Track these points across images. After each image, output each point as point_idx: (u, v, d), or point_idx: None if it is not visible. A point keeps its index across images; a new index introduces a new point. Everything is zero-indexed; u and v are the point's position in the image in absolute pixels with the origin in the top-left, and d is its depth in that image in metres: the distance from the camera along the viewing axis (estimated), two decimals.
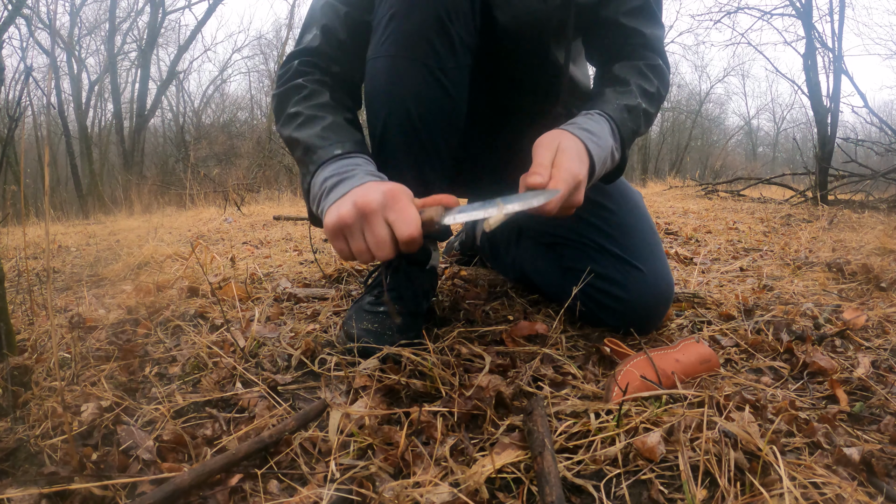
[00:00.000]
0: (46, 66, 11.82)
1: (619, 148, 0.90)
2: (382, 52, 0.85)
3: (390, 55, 0.85)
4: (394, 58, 0.85)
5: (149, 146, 14.88)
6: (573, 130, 0.83)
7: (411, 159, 0.90)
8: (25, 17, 10.30)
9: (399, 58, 0.84)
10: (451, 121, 0.91)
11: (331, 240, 0.73)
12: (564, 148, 0.78)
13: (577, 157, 0.78)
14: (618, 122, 0.88)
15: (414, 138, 0.88)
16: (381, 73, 0.86)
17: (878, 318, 1.11)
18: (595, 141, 0.83)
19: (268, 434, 0.63)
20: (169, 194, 8.06)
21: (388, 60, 0.85)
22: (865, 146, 5.19)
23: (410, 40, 0.83)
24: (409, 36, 0.83)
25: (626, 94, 0.93)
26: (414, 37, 0.83)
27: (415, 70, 0.84)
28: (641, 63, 0.96)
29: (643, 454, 0.61)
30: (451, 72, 0.86)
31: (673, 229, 2.67)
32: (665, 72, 1.00)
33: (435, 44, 0.84)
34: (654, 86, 0.96)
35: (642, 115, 0.94)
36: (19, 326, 1.06)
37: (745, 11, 6.71)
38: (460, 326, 1.01)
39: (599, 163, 0.83)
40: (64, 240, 3.02)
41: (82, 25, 13.45)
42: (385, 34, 0.85)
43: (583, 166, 0.78)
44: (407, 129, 0.87)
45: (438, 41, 0.84)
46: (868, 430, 0.69)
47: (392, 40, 0.84)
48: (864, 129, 10.74)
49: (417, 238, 0.67)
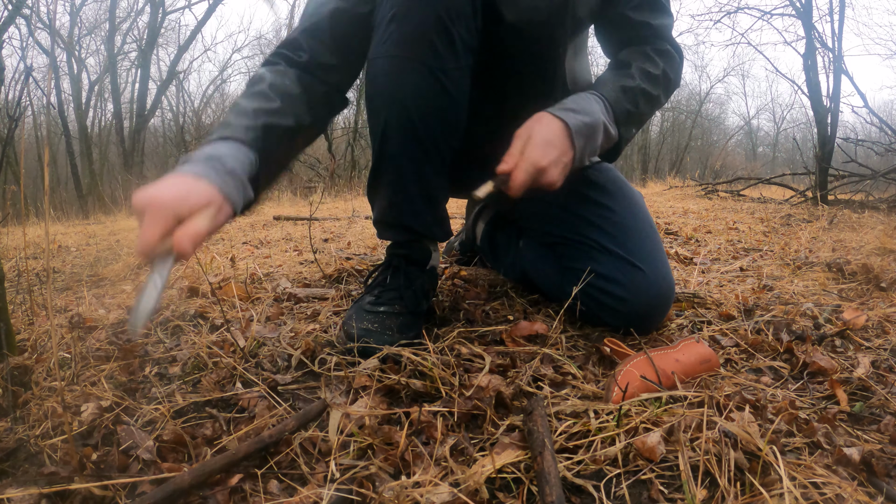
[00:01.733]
0: (46, 66, 11.81)
1: (612, 123, 0.92)
2: (383, 52, 0.85)
3: (391, 55, 0.85)
4: (394, 58, 0.84)
5: (149, 146, 14.88)
6: (554, 111, 0.88)
7: (411, 159, 0.90)
8: (25, 17, 10.30)
9: (400, 58, 0.84)
10: (452, 121, 0.91)
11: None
12: (534, 135, 0.85)
13: (544, 143, 0.84)
14: (611, 101, 0.92)
15: (414, 138, 0.88)
16: (382, 74, 0.86)
17: (878, 318, 1.11)
18: (576, 116, 0.88)
19: (268, 434, 0.62)
20: None
21: (388, 61, 0.85)
22: (865, 146, 5.19)
23: (411, 41, 0.83)
24: (409, 36, 0.83)
25: (624, 75, 0.96)
26: (415, 37, 0.83)
27: (415, 71, 0.84)
28: (648, 48, 0.99)
29: (643, 454, 0.61)
30: (451, 72, 0.86)
31: (673, 229, 2.67)
32: (674, 56, 1.02)
33: (436, 44, 0.83)
34: (659, 67, 0.98)
35: (640, 95, 0.96)
36: (19, 326, 1.06)
37: (745, 11, 6.71)
38: (460, 326, 1.01)
39: (581, 135, 0.88)
40: (64, 240, 3.02)
41: (82, 25, 13.47)
42: (386, 35, 0.84)
43: (552, 150, 0.85)
44: (407, 129, 0.87)
45: (439, 42, 0.83)
46: (868, 430, 0.69)
47: (393, 41, 0.84)
48: (864, 129, 10.73)
49: (142, 256, 0.64)
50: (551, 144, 0.85)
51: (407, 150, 0.89)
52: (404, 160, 0.90)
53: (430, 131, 0.88)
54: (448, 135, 0.91)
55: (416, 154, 0.89)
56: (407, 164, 0.90)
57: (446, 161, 0.93)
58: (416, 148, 0.89)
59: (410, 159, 0.90)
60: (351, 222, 3.15)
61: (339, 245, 2.19)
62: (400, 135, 0.88)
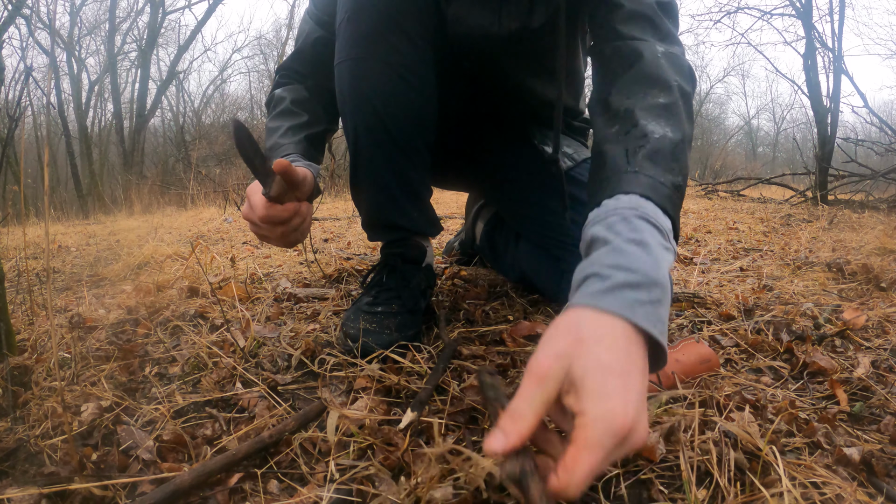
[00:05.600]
0: (46, 66, 11.81)
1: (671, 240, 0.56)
2: (344, 55, 0.87)
3: (351, 58, 0.86)
4: (355, 60, 0.86)
5: (149, 146, 14.87)
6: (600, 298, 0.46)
7: (386, 156, 0.91)
8: (25, 17, 10.30)
9: (360, 59, 0.86)
10: (422, 116, 0.91)
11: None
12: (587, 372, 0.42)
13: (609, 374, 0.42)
14: (656, 200, 0.57)
15: (385, 136, 0.89)
16: (346, 77, 0.88)
17: (878, 318, 1.11)
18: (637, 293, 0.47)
19: (268, 434, 0.62)
20: (169, 194, 8.06)
21: (350, 63, 0.86)
22: (865, 146, 5.19)
23: (368, 40, 0.85)
24: (365, 36, 0.85)
25: (638, 136, 0.63)
26: (371, 37, 0.84)
27: (377, 69, 0.85)
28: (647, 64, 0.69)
29: (643, 454, 0.61)
30: (413, 66, 0.87)
31: None
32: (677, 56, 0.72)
33: (392, 41, 0.85)
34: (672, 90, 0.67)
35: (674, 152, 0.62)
36: (19, 326, 1.06)
37: (745, 11, 6.71)
38: (460, 326, 1.01)
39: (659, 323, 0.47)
40: (64, 240, 3.02)
41: (82, 25, 13.47)
42: (343, 38, 0.86)
43: (630, 381, 0.42)
44: (377, 127, 0.88)
45: (395, 38, 0.85)
46: (868, 430, 0.69)
47: (351, 43, 0.86)
48: (864, 129, 10.73)
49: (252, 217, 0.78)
50: (626, 375, 0.42)
51: (380, 147, 0.90)
52: (379, 158, 0.91)
53: (399, 127, 0.89)
54: (420, 129, 0.92)
55: (390, 151, 0.90)
56: (382, 162, 0.91)
57: (423, 156, 0.94)
58: (389, 144, 0.90)
59: (385, 157, 0.91)
60: (351, 222, 3.15)
61: (339, 245, 2.19)
62: (371, 133, 0.89)
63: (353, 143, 0.91)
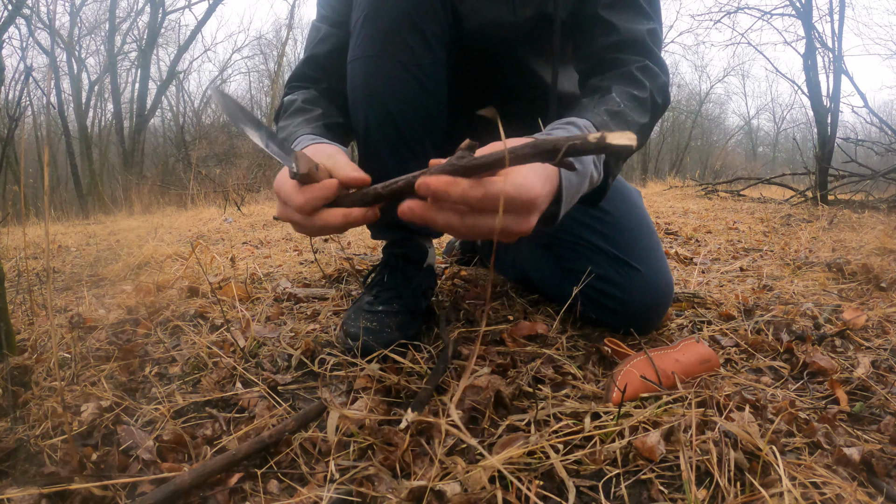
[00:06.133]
0: (46, 66, 11.82)
1: (598, 162, 0.71)
2: (358, 53, 0.87)
3: (366, 56, 0.86)
4: (369, 58, 0.86)
5: (149, 146, 14.88)
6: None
7: (394, 154, 0.91)
8: (25, 17, 10.30)
9: (374, 57, 0.86)
10: (431, 115, 0.92)
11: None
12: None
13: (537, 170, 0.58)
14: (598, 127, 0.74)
15: (395, 134, 0.89)
16: (359, 74, 0.88)
17: (878, 318, 1.11)
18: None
19: (268, 434, 0.63)
20: (169, 194, 8.06)
21: (364, 61, 0.87)
22: (865, 146, 5.19)
23: (384, 39, 0.85)
24: (382, 35, 0.85)
25: (607, 100, 0.79)
26: (387, 36, 0.85)
27: (390, 68, 0.86)
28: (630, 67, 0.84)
29: (643, 454, 0.61)
30: (426, 67, 0.88)
31: (673, 229, 2.67)
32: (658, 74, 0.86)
33: (408, 41, 0.85)
34: (646, 89, 0.82)
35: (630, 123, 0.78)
36: (19, 326, 1.06)
37: (745, 11, 6.71)
38: (460, 326, 1.01)
39: (572, 189, 0.65)
40: (64, 240, 3.02)
41: (82, 25, 13.46)
42: (359, 36, 0.87)
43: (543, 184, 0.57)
44: (387, 125, 0.89)
45: (411, 38, 0.85)
46: (868, 430, 0.69)
47: (367, 42, 0.86)
48: (864, 129, 10.72)
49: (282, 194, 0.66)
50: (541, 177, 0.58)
51: (389, 144, 0.90)
52: (387, 155, 0.91)
53: (409, 126, 0.89)
54: (428, 128, 0.92)
55: (399, 149, 0.90)
56: (391, 160, 0.91)
57: (429, 154, 0.94)
58: (397, 142, 0.90)
59: (393, 154, 0.91)
60: None
61: (340, 245, 2.19)
62: (380, 131, 0.89)
63: (362, 138, 0.91)
